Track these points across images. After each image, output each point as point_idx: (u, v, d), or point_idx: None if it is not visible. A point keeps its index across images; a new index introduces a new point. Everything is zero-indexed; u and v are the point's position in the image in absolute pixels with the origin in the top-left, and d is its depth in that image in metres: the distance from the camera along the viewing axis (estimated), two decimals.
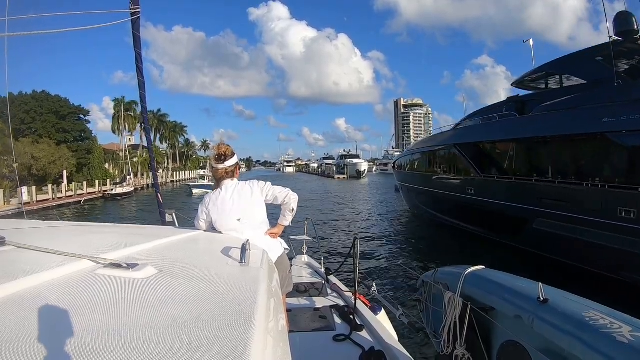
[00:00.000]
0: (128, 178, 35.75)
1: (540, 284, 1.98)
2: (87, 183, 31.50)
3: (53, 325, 0.63)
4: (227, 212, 2.11)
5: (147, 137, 5.71)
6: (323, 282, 3.79)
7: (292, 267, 2.86)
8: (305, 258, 4.71)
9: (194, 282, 0.95)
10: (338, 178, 62.22)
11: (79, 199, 27.94)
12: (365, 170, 65.66)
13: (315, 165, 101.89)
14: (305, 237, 4.87)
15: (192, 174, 56.11)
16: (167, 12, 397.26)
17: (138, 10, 3.41)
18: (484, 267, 2.57)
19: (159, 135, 57.58)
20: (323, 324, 2.78)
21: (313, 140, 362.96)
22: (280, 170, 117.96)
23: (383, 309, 3.24)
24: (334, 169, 69.43)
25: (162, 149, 57.53)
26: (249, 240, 1.24)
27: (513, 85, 12.95)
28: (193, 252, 1.50)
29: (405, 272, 7.99)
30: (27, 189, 23.36)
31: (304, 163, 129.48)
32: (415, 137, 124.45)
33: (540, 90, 11.68)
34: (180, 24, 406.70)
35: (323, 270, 4.19)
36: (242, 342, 0.60)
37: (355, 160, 66.30)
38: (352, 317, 2.81)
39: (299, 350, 2.34)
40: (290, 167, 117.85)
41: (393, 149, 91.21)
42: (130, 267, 0.92)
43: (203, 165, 59.51)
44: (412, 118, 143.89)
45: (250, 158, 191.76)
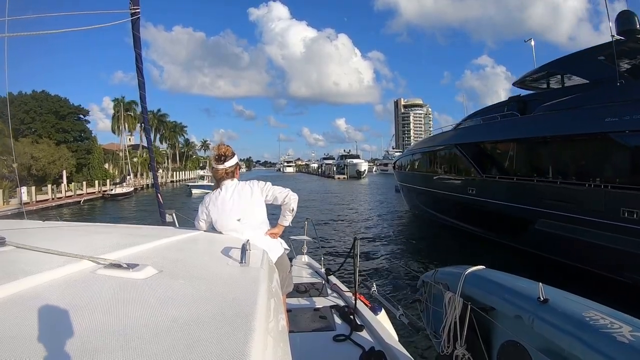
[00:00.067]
0: (128, 178, 35.75)
1: (541, 284, 1.98)
2: (86, 183, 31.45)
3: (53, 326, 0.63)
4: (227, 212, 2.11)
5: (147, 137, 5.71)
6: (323, 282, 3.79)
7: (292, 267, 2.86)
8: (306, 258, 4.71)
9: (194, 282, 0.96)
10: (338, 178, 62.21)
11: (79, 199, 27.91)
12: (365, 171, 65.65)
13: (315, 166, 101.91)
14: (306, 237, 4.88)
15: (192, 174, 55.99)
16: (167, 12, 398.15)
17: (138, 11, 3.41)
18: (484, 267, 2.57)
19: (159, 135, 57.63)
20: (323, 324, 2.78)
21: (313, 141, 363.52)
22: (280, 171, 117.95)
23: (383, 309, 3.24)
24: (334, 169, 69.43)
25: (162, 149, 57.54)
26: (249, 241, 1.24)
27: (514, 85, 12.88)
28: (193, 252, 1.50)
29: (405, 272, 8.00)
30: (26, 189, 23.30)
31: (304, 163, 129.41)
32: (415, 137, 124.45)
33: (542, 90, 11.62)
34: (180, 24, 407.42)
35: (323, 271, 4.19)
36: (242, 342, 0.60)
37: (355, 161, 66.32)
38: (352, 317, 2.81)
39: (299, 351, 2.34)
40: (290, 167, 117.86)
41: (393, 149, 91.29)
42: (131, 267, 0.93)
43: (203, 165, 59.49)
44: (412, 118, 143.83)
45: (250, 158, 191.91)
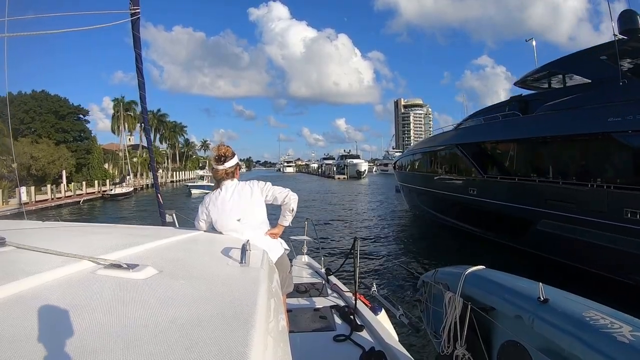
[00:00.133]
0: (127, 178, 35.75)
1: (541, 284, 1.98)
2: (86, 183, 31.45)
3: (53, 326, 0.63)
4: (227, 212, 2.11)
5: (147, 137, 5.70)
6: (323, 282, 3.79)
7: (292, 267, 2.85)
8: (306, 258, 4.72)
9: (194, 282, 0.95)
10: (338, 178, 62.20)
11: (78, 199, 27.91)
12: (366, 171, 65.65)
13: (315, 166, 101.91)
14: (306, 237, 4.88)
15: (191, 174, 55.96)
16: (167, 12, 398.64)
17: (138, 11, 3.40)
18: (484, 267, 2.57)
19: (159, 135, 57.63)
20: (323, 324, 2.78)
21: (313, 141, 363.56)
22: (280, 171, 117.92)
23: (383, 309, 3.24)
24: (334, 169, 69.41)
25: (161, 149, 57.52)
26: (249, 241, 1.24)
27: (516, 85, 12.84)
28: (193, 252, 1.50)
29: (406, 272, 8.00)
30: (25, 189, 23.28)
31: (304, 163, 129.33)
32: (416, 137, 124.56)
33: (544, 90, 11.56)
34: (180, 24, 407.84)
35: (323, 271, 4.19)
36: (242, 342, 0.60)
37: (356, 161, 66.32)
38: (352, 317, 2.81)
39: (299, 351, 2.34)
40: (290, 167, 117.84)
41: (393, 149, 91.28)
42: (131, 267, 0.93)
43: (202, 165, 59.39)
44: (412, 118, 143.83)
45: (250, 158, 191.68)
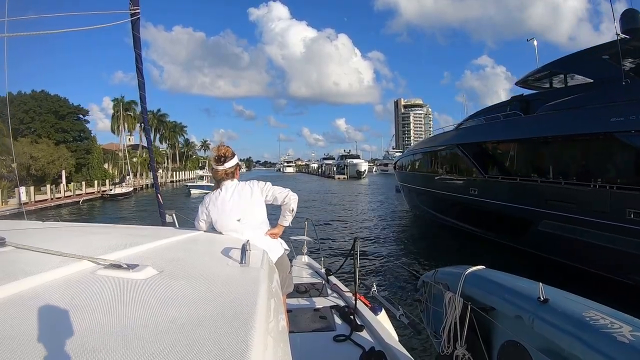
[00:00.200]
0: (127, 178, 35.74)
1: (541, 284, 1.98)
2: (85, 183, 31.43)
3: (53, 326, 0.63)
4: (227, 212, 2.10)
5: (147, 137, 5.70)
6: (323, 282, 3.79)
7: (292, 267, 2.85)
8: (306, 258, 4.72)
9: (194, 282, 0.95)
10: (338, 178, 62.22)
11: (78, 199, 27.89)
12: (366, 171, 65.66)
13: (315, 166, 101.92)
14: (306, 237, 4.88)
15: (191, 174, 55.95)
16: (167, 12, 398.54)
17: (138, 11, 3.40)
18: (484, 267, 2.57)
19: (159, 135, 57.62)
20: (323, 325, 2.79)
21: (313, 141, 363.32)
22: (280, 171, 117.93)
23: (383, 309, 3.24)
24: (334, 169, 69.43)
25: (161, 149, 57.50)
26: (249, 241, 1.24)
27: (517, 85, 12.79)
28: (193, 252, 1.50)
29: (406, 272, 7.99)
30: (24, 189, 23.26)
31: (304, 163, 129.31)
32: (416, 137, 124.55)
33: (545, 90, 11.52)
34: (180, 24, 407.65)
35: (323, 271, 4.19)
36: (242, 342, 0.60)
37: (356, 161, 66.34)
38: (352, 317, 2.82)
39: (300, 351, 2.34)
40: (290, 167, 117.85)
41: (393, 149, 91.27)
42: (131, 267, 0.93)
43: (202, 165, 59.38)
44: (412, 118, 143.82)
45: (250, 158, 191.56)
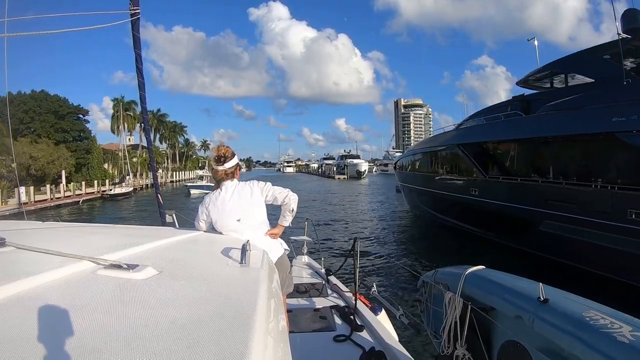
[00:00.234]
0: (127, 178, 35.73)
1: (541, 284, 1.98)
2: (85, 183, 31.42)
3: (53, 326, 0.63)
4: (227, 212, 2.10)
5: (146, 137, 5.70)
6: (323, 282, 3.79)
7: (292, 267, 2.86)
8: (306, 258, 4.72)
9: (194, 282, 0.95)
10: (338, 178, 62.23)
11: (78, 199, 27.87)
12: (366, 171, 65.68)
13: (316, 166, 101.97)
14: (306, 237, 4.88)
15: (191, 174, 55.92)
16: (167, 12, 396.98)
17: (138, 11, 3.40)
18: (484, 267, 2.57)
19: (159, 135, 57.61)
20: (323, 325, 2.79)
21: (313, 141, 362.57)
22: (280, 171, 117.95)
23: (383, 309, 3.24)
24: (334, 169, 69.45)
25: (161, 149, 57.50)
26: (249, 241, 1.24)
27: (518, 84, 12.75)
28: (193, 252, 1.50)
29: (406, 272, 8.00)
30: (24, 189, 23.25)
31: (304, 163, 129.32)
32: (416, 137, 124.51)
33: (546, 90, 11.48)
34: (180, 24, 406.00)
35: (323, 271, 4.19)
36: (242, 342, 0.61)
37: (356, 161, 66.37)
38: (352, 317, 2.82)
39: (300, 351, 2.34)
40: (290, 167, 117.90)
41: (393, 149, 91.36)
42: (131, 267, 0.92)
43: (202, 165, 59.37)
44: (412, 118, 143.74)
45: (250, 158, 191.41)
